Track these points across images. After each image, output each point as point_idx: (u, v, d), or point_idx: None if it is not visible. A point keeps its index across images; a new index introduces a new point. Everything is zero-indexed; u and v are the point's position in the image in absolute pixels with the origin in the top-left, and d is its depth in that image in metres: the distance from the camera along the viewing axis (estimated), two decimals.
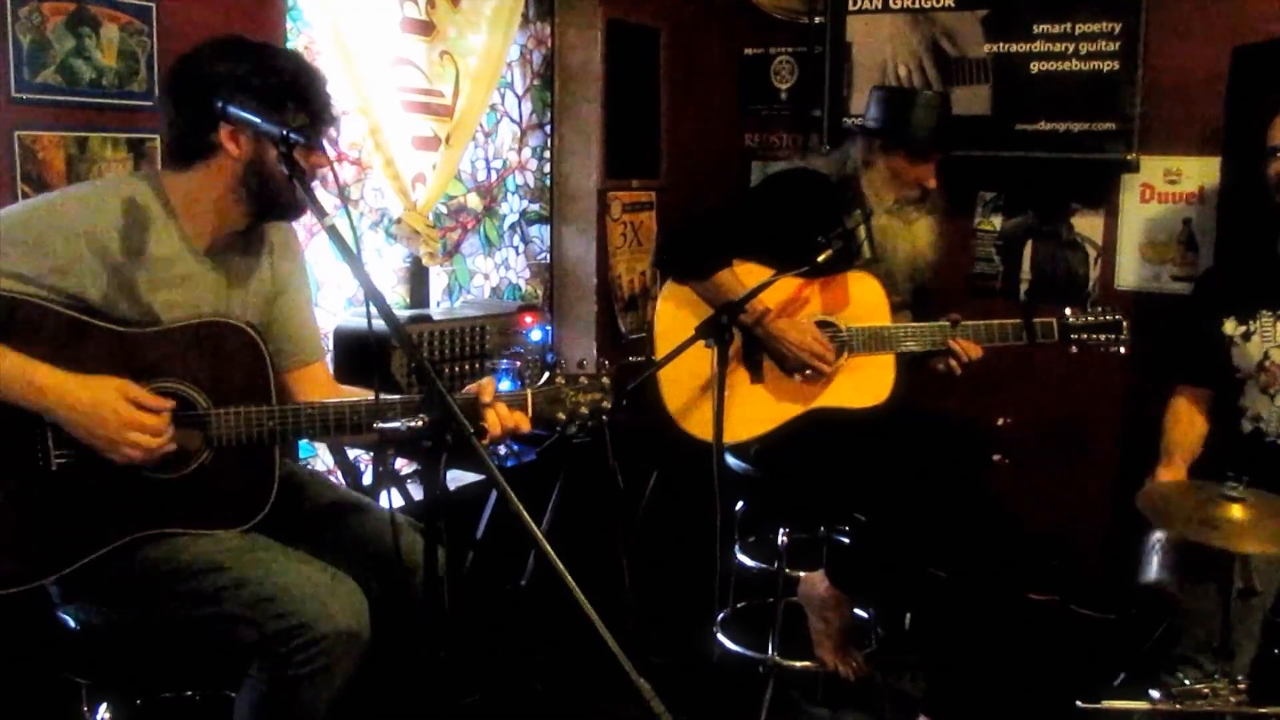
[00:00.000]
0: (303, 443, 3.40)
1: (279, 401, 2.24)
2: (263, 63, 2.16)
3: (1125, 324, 3.21)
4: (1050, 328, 3.20)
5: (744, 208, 3.39)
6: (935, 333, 3.18)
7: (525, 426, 2.31)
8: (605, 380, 2.41)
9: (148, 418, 2.05)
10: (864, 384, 3.19)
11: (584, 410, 2.40)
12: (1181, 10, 3.98)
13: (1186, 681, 2.37)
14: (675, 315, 3.19)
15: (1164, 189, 4.12)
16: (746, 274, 3.13)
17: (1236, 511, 2.27)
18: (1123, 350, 3.24)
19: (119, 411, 2.03)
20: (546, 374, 2.41)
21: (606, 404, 2.40)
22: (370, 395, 2.23)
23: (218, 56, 2.16)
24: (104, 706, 2.33)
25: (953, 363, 3.19)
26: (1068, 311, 3.23)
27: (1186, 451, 3.05)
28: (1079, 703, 2.35)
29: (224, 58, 2.16)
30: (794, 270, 3.01)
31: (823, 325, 3.18)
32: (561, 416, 2.38)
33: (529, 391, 2.36)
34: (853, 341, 3.18)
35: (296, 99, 2.16)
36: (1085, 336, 3.21)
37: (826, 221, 3.14)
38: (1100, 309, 3.24)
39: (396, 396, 2.23)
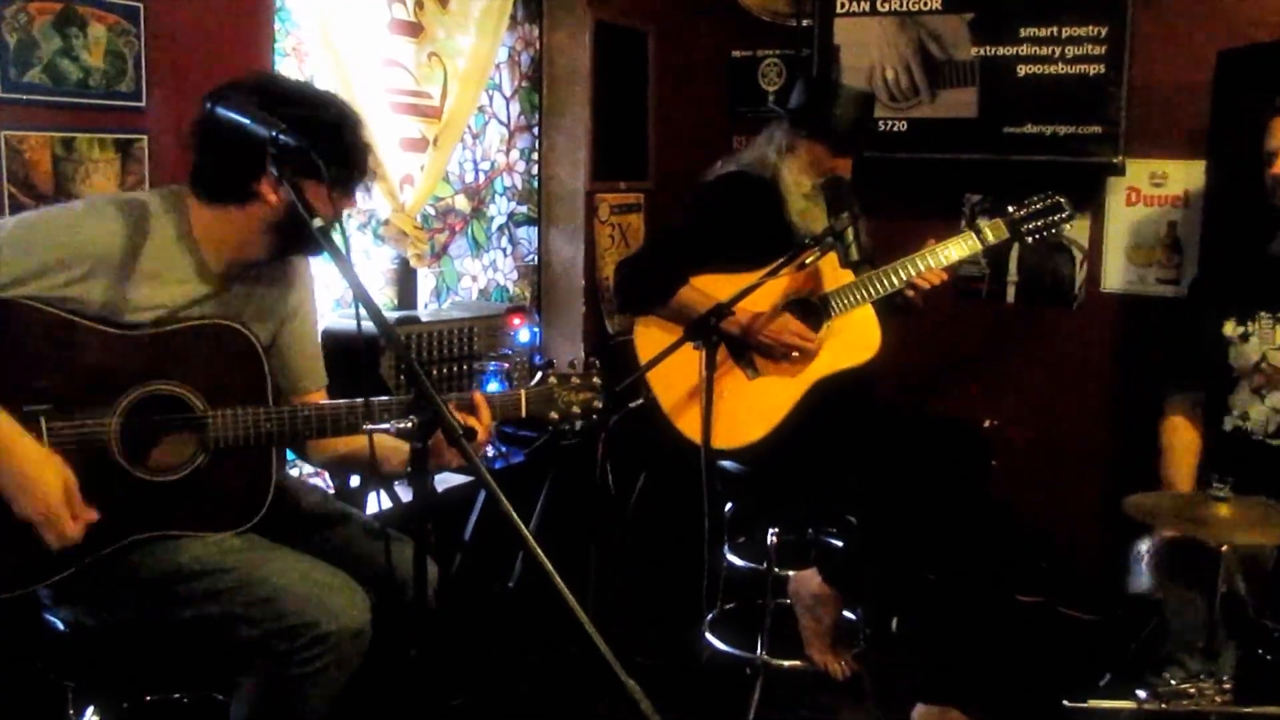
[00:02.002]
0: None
1: (275, 402, 2.24)
2: (307, 110, 2.11)
3: (1065, 200, 3.27)
4: (999, 227, 3.25)
5: (685, 225, 3.41)
6: (897, 272, 3.21)
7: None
8: (596, 380, 2.42)
9: (69, 522, 2.01)
10: (853, 341, 3.23)
11: (576, 410, 2.41)
12: (1167, 14, 4.00)
13: (1173, 681, 2.38)
14: (656, 339, 3.17)
15: (1149, 192, 4.14)
16: (706, 285, 3.16)
17: (1223, 510, 2.29)
18: (1070, 226, 3.32)
19: (51, 500, 1.99)
20: (539, 374, 2.41)
21: (598, 403, 2.41)
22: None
23: (263, 102, 2.08)
24: (91, 709, 2.32)
25: (911, 294, 3.22)
26: (1010, 208, 3.29)
27: (1186, 481, 3.04)
28: (1065, 702, 2.36)
29: (269, 104, 2.07)
30: (781, 270, 3.01)
31: (795, 304, 3.20)
32: (554, 416, 2.39)
33: (522, 392, 2.36)
34: (827, 307, 3.21)
35: (335, 146, 2.11)
36: (1034, 224, 3.27)
37: (766, 219, 3.21)
38: (1037, 195, 3.29)
39: (390, 398, 2.23)
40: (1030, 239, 3.29)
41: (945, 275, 3.23)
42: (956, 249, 3.22)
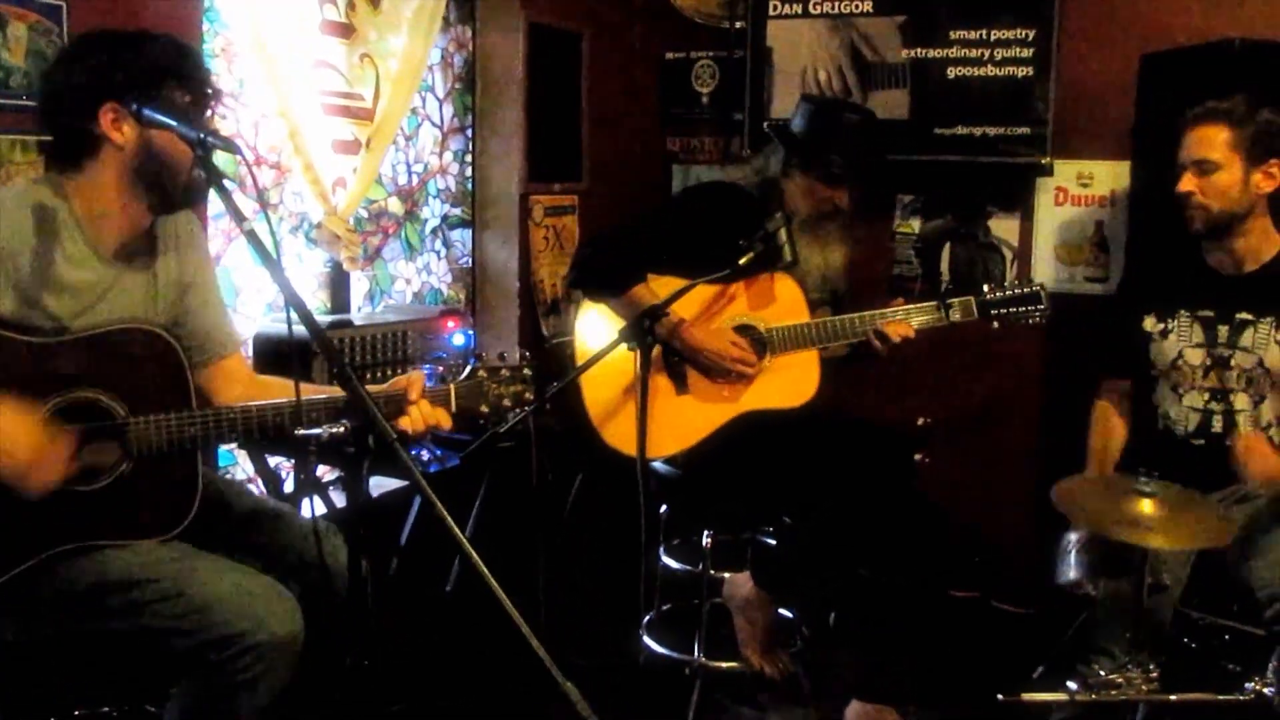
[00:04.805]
0: (222, 450, 3.34)
1: (199, 403, 2.20)
2: (134, 49, 2.14)
3: (1043, 293, 3.24)
4: (969, 305, 3.22)
5: (659, 221, 3.37)
6: (854, 323, 3.19)
7: (446, 424, 2.29)
8: (527, 372, 2.39)
9: (53, 457, 2.00)
10: (789, 383, 3.20)
11: (506, 402, 2.39)
12: (1093, 18, 4.08)
13: (1101, 672, 2.42)
14: (595, 336, 3.17)
15: (1077, 192, 4.21)
16: (662, 287, 3.12)
17: (1148, 507, 2.32)
18: (1042, 320, 3.26)
19: (19, 455, 1.97)
20: (468, 367, 2.39)
21: (529, 395, 2.39)
22: (290, 386, 2.19)
23: (88, 54, 2.14)
24: None
25: (876, 343, 3.17)
26: (985, 288, 3.25)
27: (1110, 460, 3.12)
28: (999, 696, 2.39)
29: (95, 53, 2.13)
30: (714, 275, 3.02)
31: (743, 329, 3.19)
32: (484, 409, 2.37)
33: (451, 385, 2.34)
34: (773, 341, 3.20)
35: (175, 77, 2.13)
36: (1004, 311, 3.23)
37: (744, 235, 3.14)
38: (1017, 282, 3.28)
39: (321, 396, 2.20)
40: (996, 324, 3.25)
41: (911, 334, 3.18)
42: (918, 317, 3.19)
